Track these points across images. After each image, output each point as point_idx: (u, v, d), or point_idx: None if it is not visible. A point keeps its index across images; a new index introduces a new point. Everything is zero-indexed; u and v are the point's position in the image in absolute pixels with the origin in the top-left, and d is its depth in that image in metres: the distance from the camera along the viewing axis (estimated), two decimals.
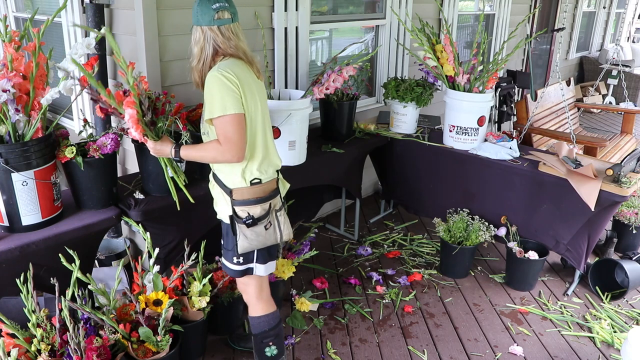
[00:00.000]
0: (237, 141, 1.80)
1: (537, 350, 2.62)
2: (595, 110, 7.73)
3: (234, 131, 1.79)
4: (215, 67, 1.85)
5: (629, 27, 9.78)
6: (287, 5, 3.18)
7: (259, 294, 2.11)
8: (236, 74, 1.81)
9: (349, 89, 3.27)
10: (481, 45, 3.27)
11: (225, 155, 1.82)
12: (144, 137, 1.95)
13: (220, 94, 1.78)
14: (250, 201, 1.92)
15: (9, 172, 1.89)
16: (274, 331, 2.12)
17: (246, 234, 1.93)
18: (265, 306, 2.12)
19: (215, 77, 1.79)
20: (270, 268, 2.09)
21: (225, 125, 1.79)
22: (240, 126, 1.81)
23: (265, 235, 1.96)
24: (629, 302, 3.04)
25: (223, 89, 1.78)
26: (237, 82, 1.80)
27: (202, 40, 1.86)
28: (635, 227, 3.44)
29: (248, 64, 1.91)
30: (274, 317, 2.13)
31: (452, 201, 3.31)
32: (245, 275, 2.07)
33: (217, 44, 1.86)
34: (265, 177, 1.95)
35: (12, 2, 3.56)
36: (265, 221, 1.95)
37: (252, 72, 1.93)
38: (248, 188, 1.92)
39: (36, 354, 1.90)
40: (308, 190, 3.34)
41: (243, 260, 2.02)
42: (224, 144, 1.81)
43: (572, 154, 3.00)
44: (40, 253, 1.99)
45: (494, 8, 5.35)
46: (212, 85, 1.80)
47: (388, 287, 3.12)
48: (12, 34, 1.94)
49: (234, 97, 1.79)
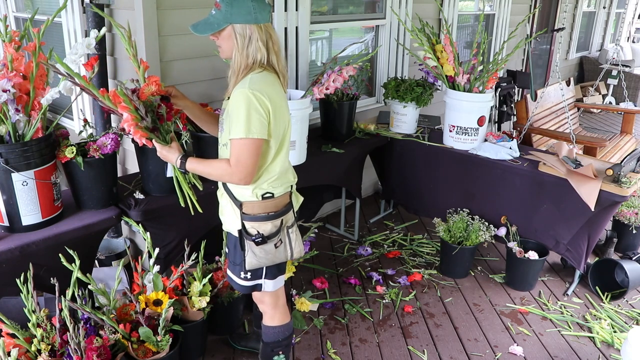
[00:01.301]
0: (248, 166, 1.70)
1: (537, 350, 2.62)
2: (595, 110, 7.73)
3: (248, 156, 1.69)
4: (247, 82, 1.68)
5: (629, 27, 9.78)
6: (287, 5, 3.18)
7: (276, 302, 2.04)
8: (270, 96, 1.68)
9: (349, 89, 3.27)
10: (481, 45, 3.27)
11: (233, 178, 1.73)
12: (147, 140, 1.82)
13: (247, 114, 1.64)
14: (261, 217, 1.81)
15: (9, 172, 1.89)
16: (286, 341, 2.09)
17: (255, 251, 1.83)
18: (281, 316, 2.06)
19: (246, 97, 1.64)
20: (279, 283, 2.00)
21: (242, 148, 1.68)
22: (257, 152, 1.70)
23: (275, 253, 1.86)
24: (629, 302, 3.04)
25: (252, 110, 1.65)
26: (268, 106, 1.67)
27: (255, 42, 1.68)
28: (635, 227, 3.44)
29: (280, 76, 1.78)
30: (288, 328, 2.08)
31: (452, 201, 3.31)
32: (254, 290, 1.99)
33: (268, 46, 1.70)
34: (278, 191, 1.84)
35: (12, 2, 3.55)
36: (276, 239, 1.84)
37: (283, 88, 1.79)
38: (259, 202, 1.81)
39: (36, 354, 1.90)
40: (308, 190, 3.33)
41: (251, 276, 1.93)
42: (234, 166, 1.70)
43: (572, 154, 3.00)
44: (40, 253, 1.99)
45: (494, 8, 5.35)
46: (240, 104, 1.65)
47: (388, 287, 3.12)
48: (12, 34, 1.93)
49: (261, 122, 1.67)
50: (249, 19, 1.67)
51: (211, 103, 2.89)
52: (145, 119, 1.79)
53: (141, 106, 1.76)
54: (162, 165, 2.28)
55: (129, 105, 1.74)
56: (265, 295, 2.02)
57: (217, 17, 1.69)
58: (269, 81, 1.72)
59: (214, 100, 2.91)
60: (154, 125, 1.83)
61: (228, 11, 1.66)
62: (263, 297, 2.04)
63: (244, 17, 1.66)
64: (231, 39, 1.71)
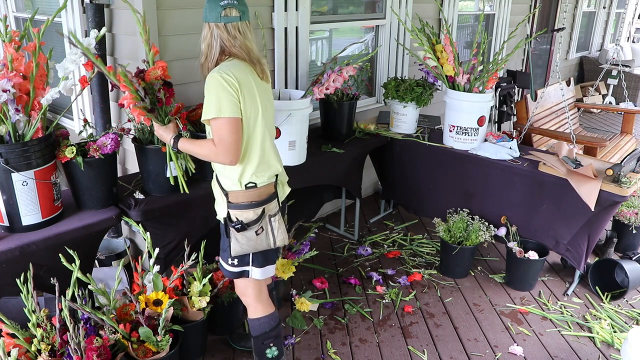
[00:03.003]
0: (230, 144, 1.81)
1: (537, 350, 2.62)
2: (595, 110, 7.73)
3: (228, 134, 1.80)
4: (216, 67, 1.84)
5: (629, 27, 9.78)
6: (287, 5, 3.18)
7: (258, 295, 2.11)
8: (236, 76, 1.81)
9: (349, 89, 3.27)
10: (481, 45, 3.27)
11: (219, 157, 1.83)
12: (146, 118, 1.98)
13: (217, 95, 1.78)
14: (244, 205, 1.92)
15: (9, 172, 1.89)
16: (274, 332, 2.12)
17: (237, 237, 1.93)
18: (264, 307, 2.12)
19: (214, 78, 1.79)
20: (267, 272, 2.07)
21: (220, 127, 1.80)
22: (235, 130, 1.81)
23: (257, 240, 1.95)
24: (629, 302, 3.04)
25: (220, 90, 1.78)
26: (236, 86, 1.79)
27: (209, 37, 1.86)
28: (635, 227, 3.44)
29: (252, 64, 1.89)
30: (274, 318, 2.13)
31: (452, 201, 3.31)
32: (242, 277, 2.06)
33: (223, 41, 1.85)
34: (260, 181, 1.93)
35: (12, 2, 3.56)
36: (257, 226, 1.93)
37: (256, 74, 1.91)
38: (243, 192, 1.92)
39: (36, 354, 1.90)
40: (308, 190, 3.34)
41: (238, 263, 2.02)
42: (218, 146, 1.81)
43: (572, 154, 3.00)
44: (41, 253, 1.99)
45: (494, 8, 5.35)
46: (210, 86, 1.80)
47: (388, 287, 3.12)
48: (12, 34, 1.94)
49: (231, 101, 1.79)
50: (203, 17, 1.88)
51: None
52: (144, 99, 1.94)
53: (141, 88, 1.93)
54: (162, 165, 2.28)
55: (130, 85, 1.89)
56: (249, 287, 2.08)
57: None
58: (238, 66, 1.85)
59: None
60: (152, 107, 1.97)
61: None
62: (246, 290, 2.10)
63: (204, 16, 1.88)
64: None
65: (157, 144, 2.29)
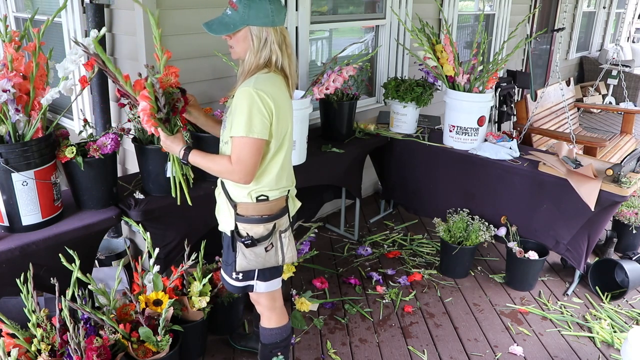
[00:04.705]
0: (249, 166, 1.69)
1: (537, 350, 2.62)
2: (595, 110, 7.73)
3: (249, 156, 1.67)
4: (252, 81, 1.67)
5: (629, 27, 9.78)
6: (287, 5, 3.18)
7: (272, 304, 2.03)
8: (274, 96, 1.66)
9: (349, 89, 3.27)
10: (481, 45, 3.27)
11: (233, 175, 1.72)
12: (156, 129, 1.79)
13: (249, 114, 1.63)
14: (254, 219, 1.80)
15: (9, 172, 1.89)
16: (284, 342, 2.09)
17: (245, 253, 1.83)
18: (278, 318, 2.05)
19: (250, 95, 1.63)
20: (273, 285, 1.98)
21: (243, 146, 1.67)
22: (258, 152, 1.69)
23: (265, 257, 1.84)
24: (629, 302, 3.04)
25: (254, 109, 1.64)
26: (271, 106, 1.66)
27: (271, 44, 1.67)
28: (635, 227, 3.44)
29: (285, 78, 1.76)
30: (286, 330, 2.07)
31: (452, 201, 3.31)
32: (246, 291, 1.99)
33: (279, 50, 1.69)
34: (273, 194, 1.82)
35: (12, 2, 3.56)
36: (267, 242, 1.82)
37: (289, 91, 1.79)
38: (254, 204, 1.80)
39: (36, 354, 1.90)
40: (308, 190, 3.33)
41: (243, 277, 1.92)
42: (235, 164, 1.69)
43: (572, 154, 3.00)
44: (40, 253, 1.99)
45: (494, 8, 5.35)
46: (243, 102, 1.64)
47: (388, 287, 3.12)
48: (12, 34, 1.93)
49: (263, 122, 1.65)
50: (266, 21, 1.66)
51: (211, 103, 2.89)
52: (162, 110, 1.75)
53: (162, 97, 1.72)
54: (162, 165, 2.28)
55: (152, 96, 1.71)
56: (261, 297, 2.01)
57: (234, 18, 1.68)
58: (275, 82, 1.71)
59: (214, 100, 2.91)
60: (167, 117, 1.81)
61: (245, 13, 1.65)
62: (259, 299, 2.04)
63: (262, 20, 1.66)
64: (247, 41, 1.70)
65: (157, 144, 2.28)
